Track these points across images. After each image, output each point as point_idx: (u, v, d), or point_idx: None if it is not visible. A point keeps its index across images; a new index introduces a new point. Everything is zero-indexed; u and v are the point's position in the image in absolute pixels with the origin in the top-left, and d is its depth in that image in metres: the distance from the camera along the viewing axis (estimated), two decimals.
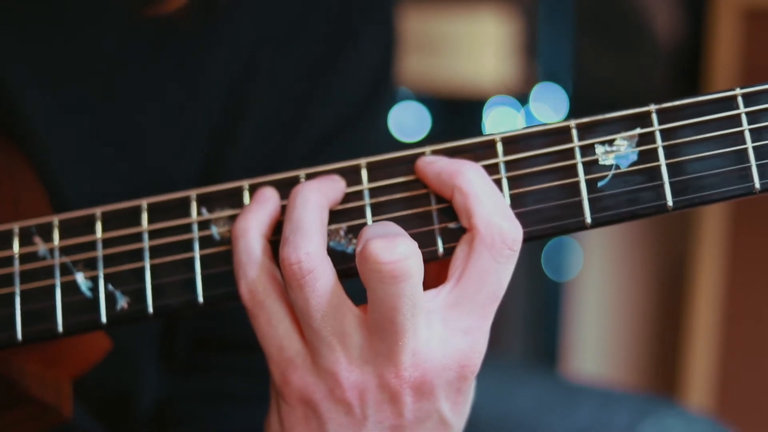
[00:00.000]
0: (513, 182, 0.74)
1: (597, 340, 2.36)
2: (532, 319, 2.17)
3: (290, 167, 0.78)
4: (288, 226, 0.73)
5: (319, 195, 0.74)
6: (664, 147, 0.73)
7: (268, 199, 0.76)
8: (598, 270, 2.31)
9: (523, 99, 2.03)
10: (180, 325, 1.03)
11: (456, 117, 2.08)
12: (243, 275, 0.75)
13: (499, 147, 0.74)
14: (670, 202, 0.72)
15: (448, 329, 0.72)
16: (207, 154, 0.98)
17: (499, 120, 2.02)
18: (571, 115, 2.02)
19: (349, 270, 0.74)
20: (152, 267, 0.77)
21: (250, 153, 0.99)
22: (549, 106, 2.03)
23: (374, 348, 0.72)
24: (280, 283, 0.75)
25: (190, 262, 0.77)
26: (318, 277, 0.71)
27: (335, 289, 0.72)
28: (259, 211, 0.76)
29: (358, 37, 1.02)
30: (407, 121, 2.05)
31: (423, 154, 0.75)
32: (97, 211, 0.79)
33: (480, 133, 0.75)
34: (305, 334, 0.73)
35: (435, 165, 0.74)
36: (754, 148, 0.71)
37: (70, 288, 0.78)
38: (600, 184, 0.73)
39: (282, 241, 0.72)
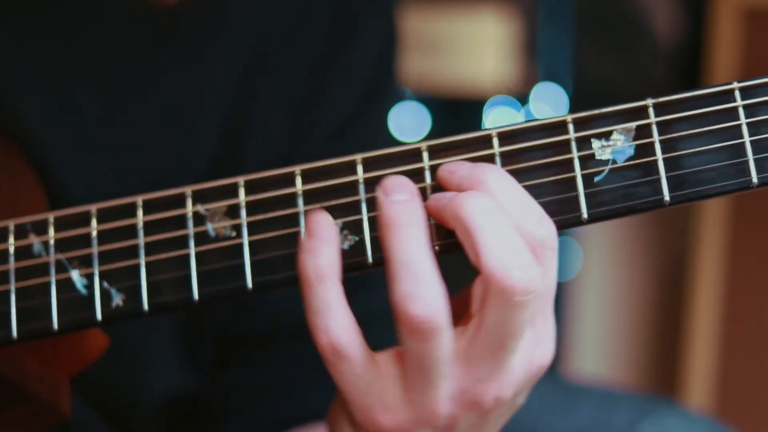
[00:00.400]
0: None
1: (597, 340, 2.36)
2: None
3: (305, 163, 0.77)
4: (404, 275, 0.69)
5: (419, 228, 0.71)
6: (661, 141, 0.72)
7: (333, 234, 0.72)
8: (598, 270, 2.31)
9: (523, 99, 2.03)
10: (207, 318, 1.02)
11: (456, 117, 2.08)
12: (322, 326, 0.72)
13: (495, 142, 0.74)
14: (667, 197, 0.72)
15: (528, 348, 0.73)
16: (213, 156, 0.98)
17: (499, 120, 2.02)
18: (570, 113, 2.03)
19: (346, 266, 0.74)
20: (147, 264, 0.77)
21: (259, 153, 0.98)
22: (549, 106, 2.03)
23: (477, 383, 0.72)
24: (358, 330, 0.73)
25: (186, 259, 0.77)
26: (444, 330, 0.70)
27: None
28: (330, 251, 0.72)
29: (359, 30, 1.02)
30: (407, 121, 2.05)
31: (419, 149, 0.75)
32: (93, 208, 0.78)
33: (476, 129, 0.75)
34: (409, 374, 0.72)
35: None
36: (751, 142, 0.71)
37: (65, 285, 0.78)
38: (596, 179, 0.73)
39: (401, 293, 0.69)
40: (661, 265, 2.35)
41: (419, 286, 0.69)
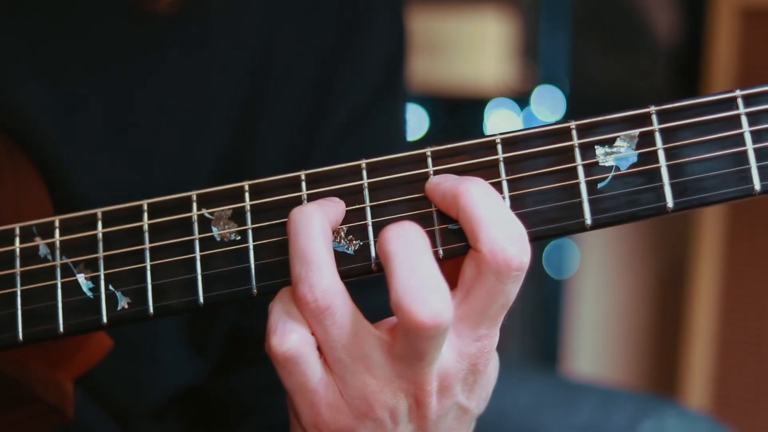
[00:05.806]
0: (513, 184, 0.74)
1: (597, 340, 2.36)
2: (531, 317, 2.17)
3: (317, 162, 0.77)
4: (296, 261, 0.72)
5: (320, 218, 0.73)
6: (664, 148, 0.73)
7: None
8: (597, 269, 2.31)
9: (522, 100, 2.03)
10: (214, 313, 1.02)
11: (455, 118, 2.08)
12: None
13: (499, 148, 0.75)
14: (670, 204, 0.72)
15: (461, 340, 0.73)
16: (222, 156, 0.97)
17: (499, 121, 2.02)
18: (569, 116, 2.03)
19: (350, 271, 0.74)
20: (153, 268, 0.78)
21: (269, 153, 0.98)
22: (548, 107, 2.03)
23: (399, 371, 0.72)
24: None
25: (191, 262, 0.77)
26: (336, 310, 0.71)
27: (354, 317, 0.72)
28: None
29: (368, 28, 1.02)
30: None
31: (424, 155, 0.75)
32: (98, 211, 0.79)
33: (480, 135, 0.75)
34: (329, 363, 0.73)
35: (440, 187, 0.74)
36: (754, 149, 0.71)
37: (71, 288, 0.78)
38: (600, 185, 0.73)
39: (294, 278, 0.72)
40: (659, 263, 2.36)
41: (303, 269, 0.71)
